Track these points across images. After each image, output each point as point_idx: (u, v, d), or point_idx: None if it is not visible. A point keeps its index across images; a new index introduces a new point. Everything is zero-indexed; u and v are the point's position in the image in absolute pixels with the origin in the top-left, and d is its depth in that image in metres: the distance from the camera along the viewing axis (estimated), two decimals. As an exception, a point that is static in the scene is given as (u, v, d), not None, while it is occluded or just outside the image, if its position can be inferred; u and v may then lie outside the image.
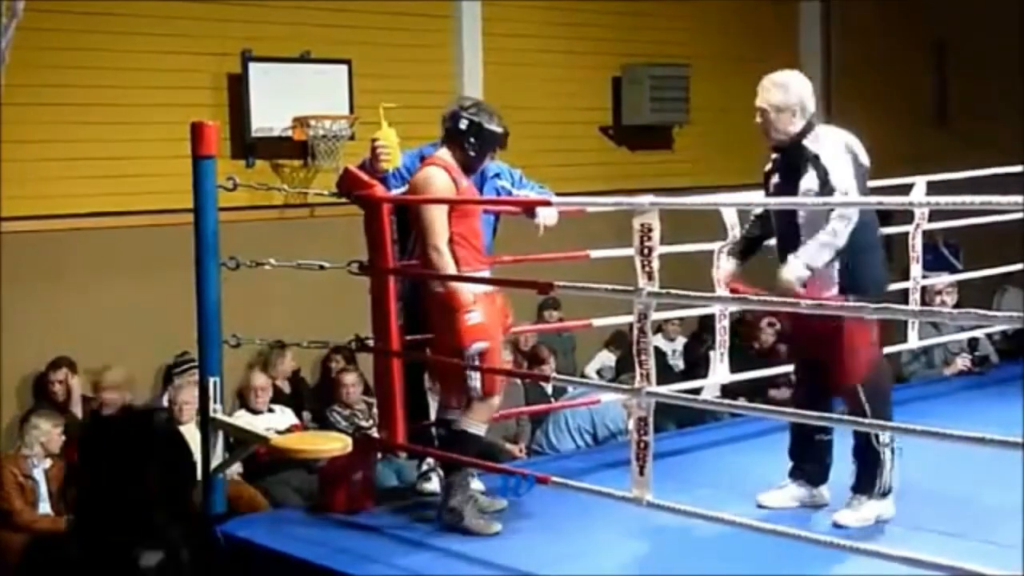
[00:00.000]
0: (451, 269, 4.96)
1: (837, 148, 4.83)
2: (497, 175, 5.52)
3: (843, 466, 5.02)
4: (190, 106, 8.50)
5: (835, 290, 4.82)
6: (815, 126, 4.91)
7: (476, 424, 5.05)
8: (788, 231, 4.88)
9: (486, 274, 5.16)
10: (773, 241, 5.11)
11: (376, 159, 5.38)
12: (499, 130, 5.17)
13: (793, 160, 4.89)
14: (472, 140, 5.11)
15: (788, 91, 4.90)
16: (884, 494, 4.89)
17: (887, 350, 8.19)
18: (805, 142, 4.85)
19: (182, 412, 7.54)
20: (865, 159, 4.91)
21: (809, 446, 5.12)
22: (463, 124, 5.11)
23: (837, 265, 4.80)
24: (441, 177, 5.04)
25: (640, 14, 11.38)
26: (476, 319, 4.91)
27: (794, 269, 4.71)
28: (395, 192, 5.37)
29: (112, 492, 5.70)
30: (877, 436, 4.83)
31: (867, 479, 4.89)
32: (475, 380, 4.98)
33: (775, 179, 5.02)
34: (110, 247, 8.60)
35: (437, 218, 4.97)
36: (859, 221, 4.79)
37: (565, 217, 5.64)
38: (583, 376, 9.82)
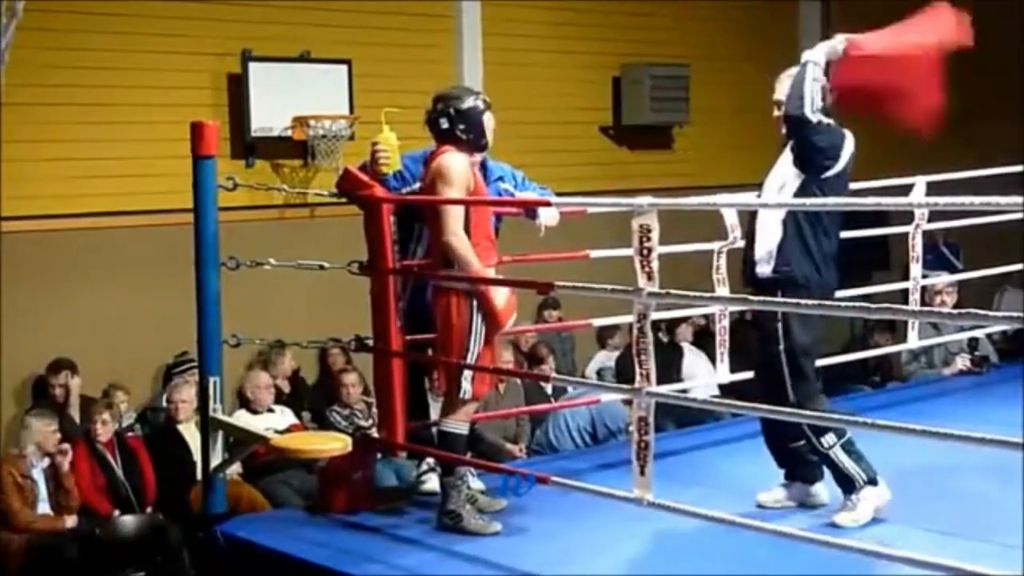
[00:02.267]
0: (471, 250, 4.92)
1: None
2: (500, 178, 5.50)
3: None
4: (190, 106, 8.51)
5: (769, 268, 4.86)
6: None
7: (457, 424, 5.03)
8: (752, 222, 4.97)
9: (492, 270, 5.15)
10: None
11: (376, 162, 5.38)
12: (478, 104, 5.12)
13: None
14: (462, 127, 5.07)
15: None
16: (869, 483, 4.88)
17: (887, 350, 8.29)
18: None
19: (179, 411, 7.55)
20: (847, 153, 4.91)
21: (787, 453, 5.13)
22: (444, 123, 5.08)
23: (777, 240, 4.84)
24: (461, 160, 5.00)
25: (640, 14, 11.38)
26: (504, 295, 4.93)
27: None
28: (396, 194, 5.36)
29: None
30: (820, 441, 4.83)
31: (843, 482, 4.90)
32: (466, 381, 4.98)
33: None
34: (110, 247, 8.61)
35: (454, 206, 4.95)
36: (815, 216, 4.82)
37: (565, 217, 5.65)
38: (583, 376, 9.83)
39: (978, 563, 3.58)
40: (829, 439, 4.83)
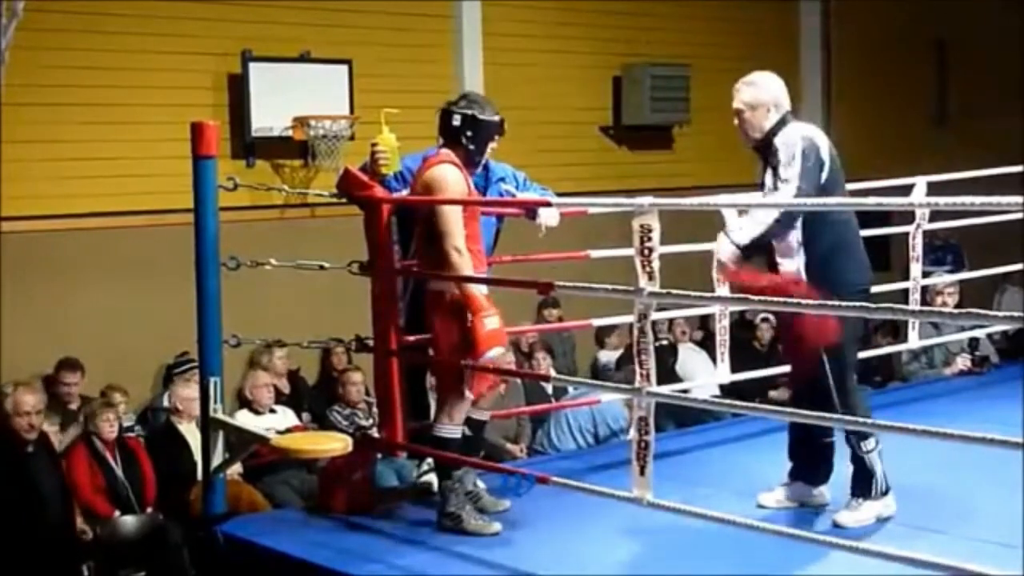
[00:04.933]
0: (469, 269, 4.89)
1: (792, 139, 4.79)
2: (502, 179, 5.49)
3: (843, 466, 5.02)
4: (190, 106, 8.52)
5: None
6: (788, 123, 4.89)
7: (450, 428, 5.01)
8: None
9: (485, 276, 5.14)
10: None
11: (375, 163, 5.38)
12: (493, 119, 5.11)
13: (765, 158, 4.91)
14: (468, 134, 5.07)
15: (759, 88, 4.93)
16: (882, 494, 4.90)
17: (888, 350, 8.29)
18: (775, 139, 4.84)
19: (182, 412, 7.55)
20: (828, 152, 4.84)
21: (810, 448, 5.11)
22: (456, 120, 5.07)
23: (803, 260, 4.81)
24: (454, 174, 4.99)
25: (640, 14, 11.39)
26: (494, 324, 4.84)
27: (721, 247, 4.74)
28: (396, 194, 5.36)
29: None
30: (860, 444, 4.83)
31: (862, 484, 4.90)
32: (467, 383, 4.96)
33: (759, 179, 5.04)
34: (110, 247, 8.61)
35: (455, 217, 4.90)
36: (831, 219, 4.80)
37: (566, 217, 5.64)
38: (593, 369, 9.87)
39: (978, 563, 3.58)
40: (870, 443, 4.83)
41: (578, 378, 9.15)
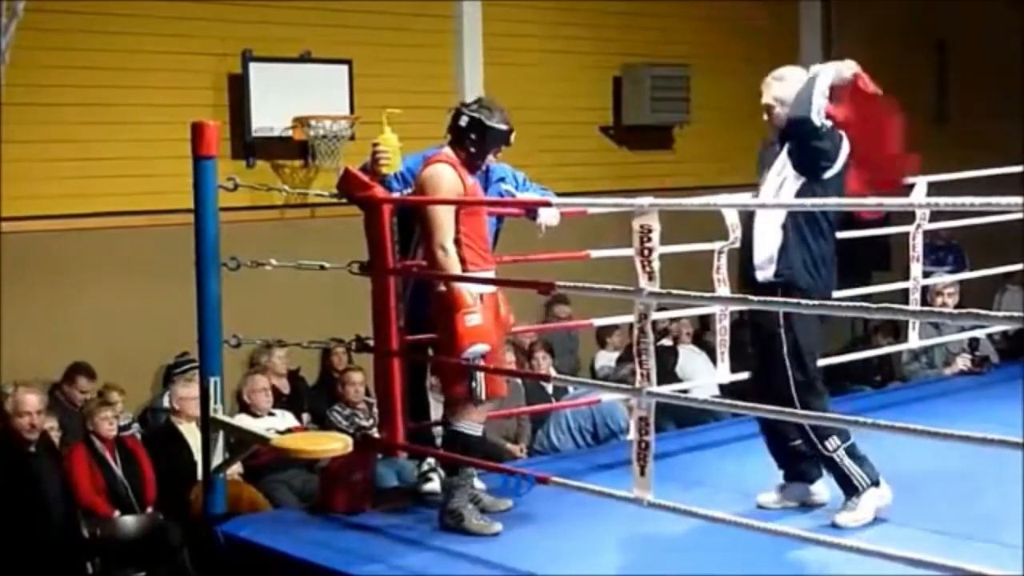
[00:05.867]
0: (456, 268, 4.94)
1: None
2: (502, 179, 5.50)
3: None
4: (190, 106, 8.52)
5: (771, 271, 4.85)
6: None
7: (470, 424, 5.03)
8: (750, 224, 4.97)
9: (490, 274, 5.15)
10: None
11: (376, 163, 5.38)
12: (501, 127, 5.13)
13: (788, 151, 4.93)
14: (472, 137, 5.09)
15: (788, 84, 4.97)
16: (872, 485, 4.88)
17: (888, 350, 8.28)
18: None
19: (182, 412, 7.55)
20: (844, 155, 4.89)
21: (786, 451, 5.12)
22: (463, 121, 5.10)
23: (778, 244, 4.83)
24: (448, 173, 5.01)
25: (640, 14, 11.38)
26: (476, 321, 4.87)
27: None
28: (396, 195, 5.37)
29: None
30: (824, 444, 4.82)
31: (845, 484, 4.90)
32: (478, 382, 4.97)
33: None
34: (110, 247, 8.61)
35: (444, 217, 4.94)
36: (814, 219, 4.83)
37: (567, 217, 5.65)
38: (592, 371, 9.85)
39: (978, 563, 3.58)
40: (832, 442, 4.82)
41: (579, 378, 9.15)
